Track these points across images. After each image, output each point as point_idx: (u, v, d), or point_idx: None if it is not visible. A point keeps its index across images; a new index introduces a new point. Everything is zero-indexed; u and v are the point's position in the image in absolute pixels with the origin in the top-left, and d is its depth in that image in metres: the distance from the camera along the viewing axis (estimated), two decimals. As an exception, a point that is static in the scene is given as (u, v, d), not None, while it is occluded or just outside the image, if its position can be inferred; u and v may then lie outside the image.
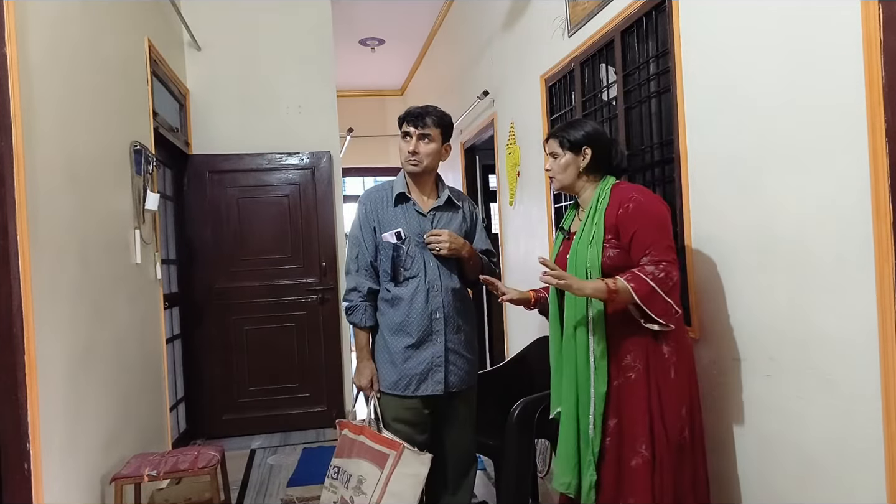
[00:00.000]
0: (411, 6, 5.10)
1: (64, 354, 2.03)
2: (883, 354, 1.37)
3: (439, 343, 2.10)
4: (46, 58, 2.02)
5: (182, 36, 4.17)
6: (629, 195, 1.77)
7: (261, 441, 4.11)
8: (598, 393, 1.74)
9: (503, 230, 4.16)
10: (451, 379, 2.12)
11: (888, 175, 1.33)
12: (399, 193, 2.14)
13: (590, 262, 1.75)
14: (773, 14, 1.66)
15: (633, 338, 1.74)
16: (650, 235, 1.70)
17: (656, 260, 1.68)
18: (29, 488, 1.74)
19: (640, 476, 1.68)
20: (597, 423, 1.74)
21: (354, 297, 2.15)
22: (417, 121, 2.09)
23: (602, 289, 1.65)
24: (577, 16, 2.80)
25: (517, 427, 2.32)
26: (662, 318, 1.65)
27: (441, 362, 2.09)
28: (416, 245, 2.11)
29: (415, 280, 2.09)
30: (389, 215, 2.13)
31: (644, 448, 1.69)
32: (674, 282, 1.67)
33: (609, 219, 1.77)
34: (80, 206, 2.23)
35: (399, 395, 2.09)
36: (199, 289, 4.21)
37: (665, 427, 1.70)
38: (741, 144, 1.81)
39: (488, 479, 3.22)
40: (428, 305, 2.09)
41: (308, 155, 4.34)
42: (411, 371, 2.08)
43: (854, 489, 1.48)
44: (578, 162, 1.87)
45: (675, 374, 1.72)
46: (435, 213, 2.17)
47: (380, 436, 2.05)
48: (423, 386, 2.08)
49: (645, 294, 1.63)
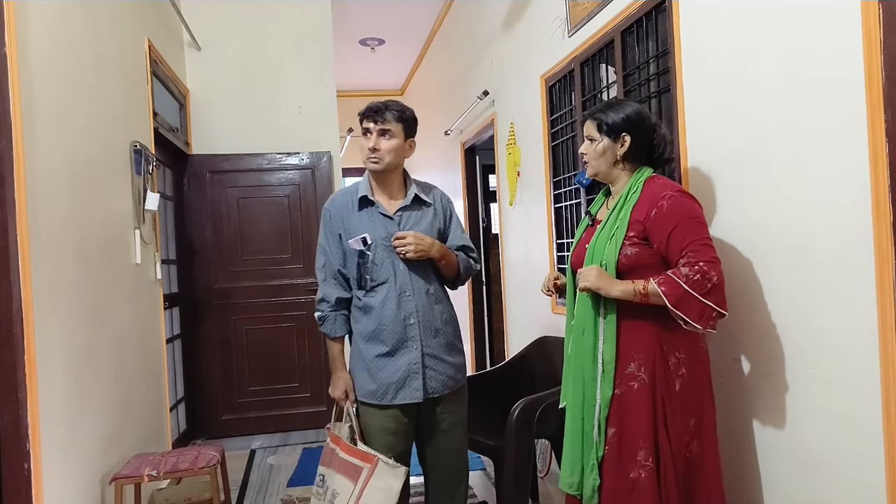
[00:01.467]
0: (411, 6, 5.10)
1: (64, 354, 2.03)
2: (883, 354, 1.37)
3: (415, 350, 1.99)
4: (46, 58, 2.02)
5: (182, 36, 4.17)
6: (662, 193, 1.66)
7: (261, 441, 4.11)
8: (604, 397, 1.68)
9: (503, 230, 4.16)
10: (431, 384, 2.01)
11: (888, 175, 1.33)
12: (362, 197, 2.04)
13: (606, 258, 1.68)
14: (773, 14, 1.66)
15: (640, 346, 1.66)
16: (687, 235, 1.60)
17: (692, 261, 1.57)
18: (29, 488, 1.75)
19: (645, 488, 1.61)
20: (601, 428, 1.68)
21: (324, 307, 2.07)
22: (377, 116, 1.99)
23: (630, 291, 1.59)
24: (577, 16, 2.80)
25: (517, 427, 2.32)
26: (700, 321, 1.55)
27: (418, 369, 1.99)
28: (384, 249, 2.00)
29: (384, 286, 1.99)
30: (354, 220, 2.03)
31: (649, 460, 1.62)
32: (713, 283, 1.55)
33: (636, 216, 1.67)
34: (80, 206, 2.23)
35: (377, 405, 2.00)
36: (199, 289, 4.21)
37: (669, 439, 1.62)
38: (741, 144, 1.81)
39: (488, 479, 3.22)
40: (400, 311, 1.98)
41: (308, 155, 4.34)
42: (388, 379, 1.98)
43: (854, 489, 1.48)
44: (616, 149, 1.75)
45: (680, 386, 1.64)
46: (402, 214, 2.05)
47: (354, 448, 1.96)
48: (400, 394, 1.98)
49: (677, 299, 1.54)
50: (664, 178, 1.79)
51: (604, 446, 1.69)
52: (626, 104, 1.78)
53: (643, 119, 1.76)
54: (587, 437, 1.72)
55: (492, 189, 5.07)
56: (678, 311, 1.55)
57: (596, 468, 1.69)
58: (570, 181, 3.01)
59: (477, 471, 3.34)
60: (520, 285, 3.87)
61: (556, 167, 3.18)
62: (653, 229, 1.65)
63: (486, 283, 5.08)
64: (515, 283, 3.96)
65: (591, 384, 1.71)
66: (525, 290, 3.76)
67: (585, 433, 1.72)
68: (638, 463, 1.63)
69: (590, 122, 1.79)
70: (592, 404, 1.71)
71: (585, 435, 1.72)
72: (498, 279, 4.44)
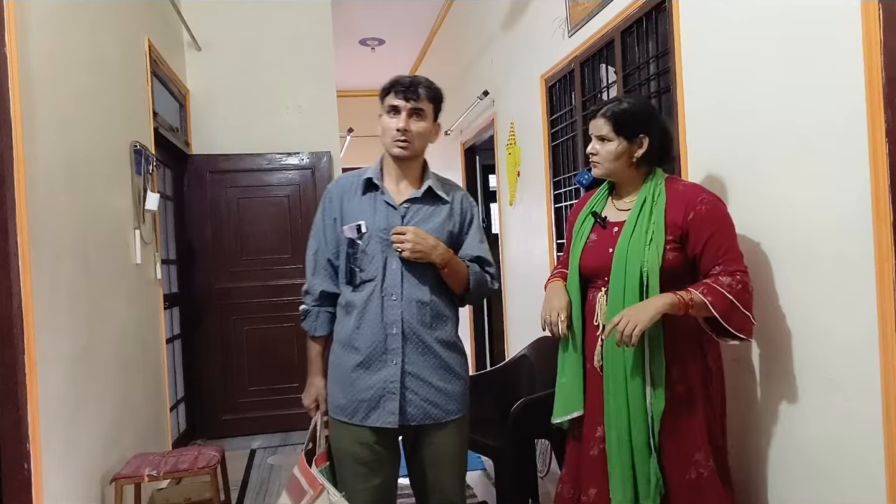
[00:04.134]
0: (411, 6, 5.10)
1: (64, 354, 2.03)
2: (883, 354, 1.37)
3: (394, 365, 1.69)
4: (46, 58, 2.02)
5: (182, 36, 4.17)
6: (699, 196, 1.59)
7: (261, 441, 4.11)
8: (656, 411, 1.58)
9: (503, 230, 4.16)
10: (410, 410, 1.70)
11: (888, 175, 1.33)
12: (367, 179, 1.77)
13: (648, 264, 1.56)
14: (774, 14, 1.66)
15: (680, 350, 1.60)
16: (725, 242, 1.55)
17: (731, 270, 1.52)
18: (29, 488, 1.74)
19: (709, 486, 1.57)
20: (656, 441, 1.58)
21: (307, 300, 1.83)
22: (409, 92, 1.70)
23: (674, 304, 1.50)
24: (577, 16, 2.80)
25: (517, 427, 2.32)
26: (742, 332, 1.52)
27: (395, 388, 1.68)
28: (378, 242, 1.72)
29: (370, 284, 1.72)
30: (354, 205, 1.76)
31: (710, 461, 1.58)
32: (750, 293, 1.53)
33: (673, 219, 1.59)
34: (80, 206, 2.23)
35: (347, 423, 1.73)
36: (199, 289, 4.21)
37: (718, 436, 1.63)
38: (741, 144, 1.81)
39: (488, 479, 3.22)
40: (382, 317, 1.70)
41: (308, 155, 4.34)
42: (359, 396, 1.71)
43: (854, 489, 1.48)
44: (633, 151, 1.64)
45: (713, 384, 1.64)
46: (409, 206, 1.76)
47: (307, 468, 1.71)
48: (373, 415, 1.69)
49: (724, 309, 1.49)
50: (683, 179, 1.74)
51: (659, 455, 1.60)
52: (641, 102, 1.70)
53: (659, 119, 1.69)
54: (638, 450, 1.60)
55: (492, 189, 5.07)
56: (724, 321, 1.50)
57: (658, 474, 1.58)
58: (570, 181, 3.01)
59: (477, 471, 3.34)
60: (520, 285, 3.87)
61: (556, 167, 3.18)
62: (691, 232, 1.58)
63: (486, 283, 5.08)
64: (515, 283, 3.96)
65: (638, 399, 1.59)
66: (525, 290, 3.76)
67: (636, 447, 1.60)
68: (697, 463, 1.59)
69: (602, 121, 1.66)
70: (641, 419, 1.59)
71: (636, 448, 1.60)
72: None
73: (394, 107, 1.72)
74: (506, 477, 2.37)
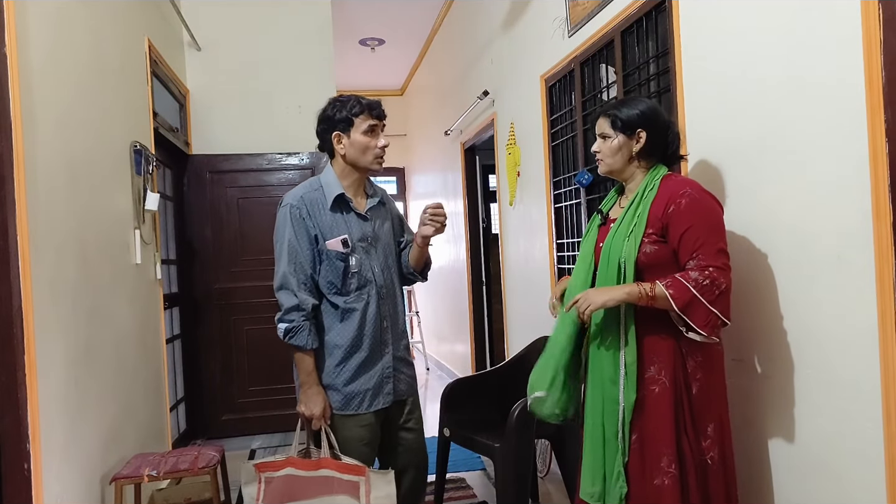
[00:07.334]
0: (411, 6, 5.10)
1: (64, 354, 2.03)
2: (883, 354, 1.37)
3: (387, 353, 1.96)
4: (46, 58, 2.02)
5: (182, 36, 4.17)
6: (681, 190, 1.62)
7: (261, 441, 4.11)
8: (627, 400, 1.62)
9: (503, 230, 4.16)
10: (400, 387, 2.00)
11: (888, 175, 1.33)
12: (339, 195, 1.94)
13: (625, 255, 1.63)
14: (773, 14, 1.66)
15: (660, 349, 1.62)
16: (701, 236, 1.57)
17: (703, 265, 1.54)
18: (29, 488, 1.74)
19: (669, 495, 1.56)
20: (626, 434, 1.62)
21: (296, 316, 1.88)
22: (381, 113, 1.94)
23: (635, 293, 1.55)
24: (577, 16, 2.80)
25: (517, 427, 2.32)
26: (705, 329, 1.52)
27: (390, 373, 1.96)
28: (362, 250, 1.94)
29: (366, 289, 1.93)
30: (329, 221, 1.92)
31: (672, 466, 1.57)
32: (721, 290, 1.52)
33: (655, 213, 1.63)
34: (80, 206, 2.23)
35: (352, 415, 1.92)
36: (199, 289, 4.21)
37: (690, 445, 1.59)
38: (741, 144, 1.81)
39: (488, 479, 3.22)
40: (379, 314, 1.94)
41: (308, 155, 4.34)
42: (363, 386, 1.92)
43: (854, 489, 1.48)
44: (631, 146, 1.71)
45: (697, 390, 1.61)
46: (371, 214, 2.00)
47: (343, 464, 1.85)
48: (376, 400, 1.94)
49: (685, 303, 1.51)
50: (682, 176, 1.75)
51: (627, 452, 1.63)
52: (641, 100, 1.74)
53: (658, 115, 1.72)
54: (609, 443, 1.65)
55: (492, 189, 5.07)
56: (685, 316, 1.52)
57: (623, 475, 1.62)
58: (570, 181, 3.00)
59: (477, 471, 3.34)
60: (520, 285, 3.86)
61: (556, 167, 3.18)
62: (670, 226, 1.61)
63: (486, 283, 5.08)
64: (515, 284, 3.96)
65: (612, 388, 1.65)
66: (525, 290, 3.75)
67: (607, 439, 1.66)
68: (662, 469, 1.58)
69: (603, 119, 1.74)
70: (614, 409, 1.64)
71: (607, 441, 1.66)
72: (498, 279, 4.44)
73: (373, 126, 1.92)
74: (506, 477, 2.37)
